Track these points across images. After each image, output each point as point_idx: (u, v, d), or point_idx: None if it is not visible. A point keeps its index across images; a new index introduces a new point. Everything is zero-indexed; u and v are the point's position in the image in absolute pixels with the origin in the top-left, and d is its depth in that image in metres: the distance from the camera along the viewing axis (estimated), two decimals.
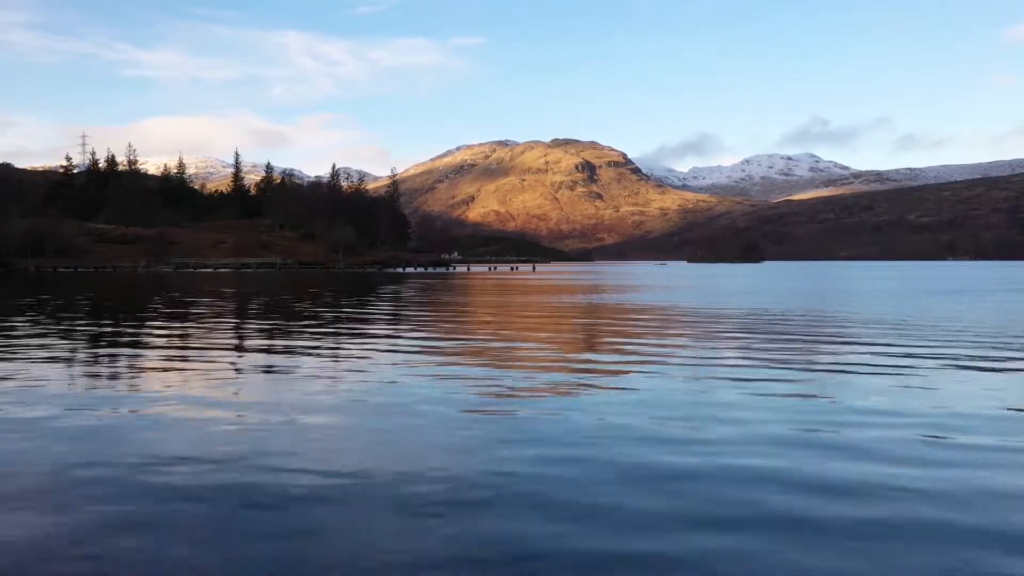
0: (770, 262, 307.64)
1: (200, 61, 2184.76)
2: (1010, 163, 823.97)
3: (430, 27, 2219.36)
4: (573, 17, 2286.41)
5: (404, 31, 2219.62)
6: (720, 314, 24.77)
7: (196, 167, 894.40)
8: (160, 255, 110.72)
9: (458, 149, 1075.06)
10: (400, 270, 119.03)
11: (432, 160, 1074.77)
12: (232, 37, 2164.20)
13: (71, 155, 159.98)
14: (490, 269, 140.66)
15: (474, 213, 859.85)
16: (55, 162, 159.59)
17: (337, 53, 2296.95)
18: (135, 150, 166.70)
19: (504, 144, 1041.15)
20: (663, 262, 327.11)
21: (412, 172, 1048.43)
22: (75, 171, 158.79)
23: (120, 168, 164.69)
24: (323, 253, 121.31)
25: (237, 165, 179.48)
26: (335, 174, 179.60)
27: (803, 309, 26.57)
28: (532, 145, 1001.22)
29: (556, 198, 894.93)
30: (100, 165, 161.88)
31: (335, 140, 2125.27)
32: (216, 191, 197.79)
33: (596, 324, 21.77)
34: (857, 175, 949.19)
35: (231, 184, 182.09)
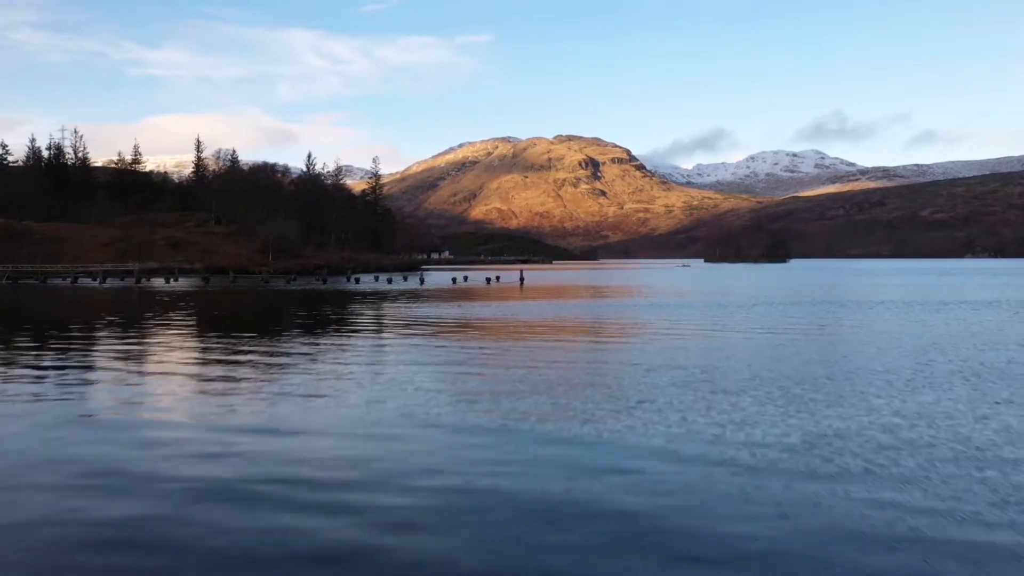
0: (797, 261, 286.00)
1: (208, 59, 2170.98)
2: (1019, 159, 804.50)
3: (437, 25, 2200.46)
4: (582, 14, 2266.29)
5: (411, 29, 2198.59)
6: None
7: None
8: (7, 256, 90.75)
9: (460, 146, 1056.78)
10: (321, 283, 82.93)
11: (434, 157, 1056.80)
12: (239, 35, 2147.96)
13: (6, 143, 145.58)
14: (454, 282, 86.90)
15: (476, 211, 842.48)
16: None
17: (344, 51, 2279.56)
18: (82, 136, 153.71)
19: (507, 140, 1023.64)
20: (686, 262, 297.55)
21: (414, 170, 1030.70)
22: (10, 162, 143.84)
23: (68, 161, 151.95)
24: (251, 254, 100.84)
25: (198, 156, 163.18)
26: (310, 164, 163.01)
27: None
28: (535, 141, 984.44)
29: (559, 195, 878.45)
30: (43, 156, 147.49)
31: (344, 138, 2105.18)
32: (181, 183, 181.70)
33: None
34: (864, 171, 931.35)
35: (192, 176, 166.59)
